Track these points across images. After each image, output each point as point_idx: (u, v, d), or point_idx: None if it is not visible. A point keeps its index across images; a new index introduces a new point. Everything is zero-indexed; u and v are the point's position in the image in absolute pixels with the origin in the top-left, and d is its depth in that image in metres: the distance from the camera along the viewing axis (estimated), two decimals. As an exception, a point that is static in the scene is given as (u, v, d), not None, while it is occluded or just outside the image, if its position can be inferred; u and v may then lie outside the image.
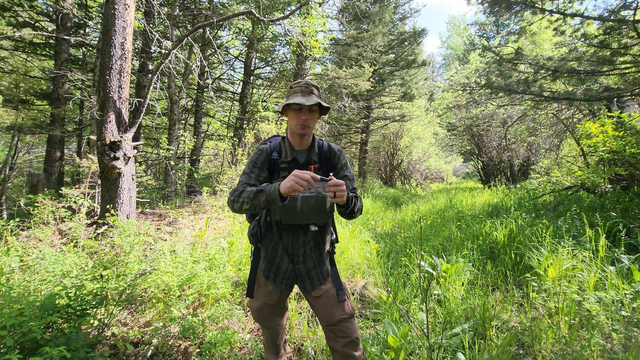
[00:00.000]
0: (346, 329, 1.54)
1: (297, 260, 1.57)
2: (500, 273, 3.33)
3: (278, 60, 11.80)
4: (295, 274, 1.59)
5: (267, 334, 1.72)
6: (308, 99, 1.48)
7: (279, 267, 1.59)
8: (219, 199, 5.90)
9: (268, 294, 1.62)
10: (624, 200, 4.11)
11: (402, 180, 16.51)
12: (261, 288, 1.63)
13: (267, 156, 1.57)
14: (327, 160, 1.64)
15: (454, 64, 25.52)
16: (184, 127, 12.43)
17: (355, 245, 3.83)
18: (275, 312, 1.66)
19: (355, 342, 1.55)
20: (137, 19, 5.88)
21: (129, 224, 3.08)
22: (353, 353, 1.53)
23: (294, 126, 1.53)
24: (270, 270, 1.60)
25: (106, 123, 3.66)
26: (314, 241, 1.59)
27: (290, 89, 1.57)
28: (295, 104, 1.49)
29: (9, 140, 9.85)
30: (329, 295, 1.57)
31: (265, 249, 1.61)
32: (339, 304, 1.56)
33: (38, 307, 1.91)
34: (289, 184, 1.29)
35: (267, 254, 1.61)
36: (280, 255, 1.58)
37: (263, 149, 1.59)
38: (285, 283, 1.59)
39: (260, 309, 1.64)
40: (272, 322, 1.67)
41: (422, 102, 16.73)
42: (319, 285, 1.58)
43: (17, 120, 7.66)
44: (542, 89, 5.79)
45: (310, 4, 6.18)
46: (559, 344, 2.13)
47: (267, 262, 1.61)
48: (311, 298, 1.60)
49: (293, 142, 1.59)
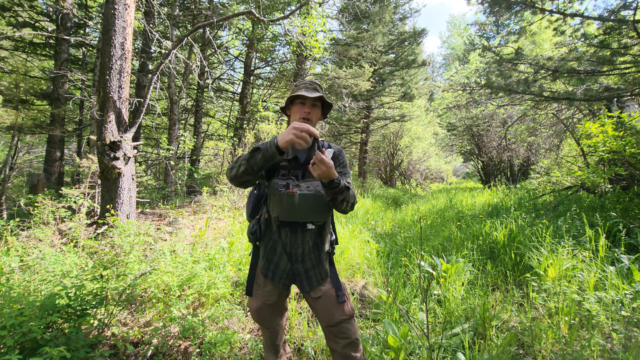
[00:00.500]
0: (346, 330, 1.53)
1: (295, 259, 1.57)
2: (500, 273, 3.33)
3: (278, 60, 11.81)
4: (293, 274, 1.59)
5: (267, 334, 1.72)
6: (311, 93, 1.52)
7: (277, 266, 1.59)
8: (219, 199, 5.90)
9: (267, 294, 1.62)
10: (624, 200, 4.11)
11: (402, 180, 16.51)
12: (260, 288, 1.63)
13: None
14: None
15: (454, 64, 25.52)
16: (184, 127, 12.43)
17: (355, 245, 3.83)
18: (274, 312, 1.66)
19: (355, 343, 1.55)
20: (137, 19, 5.88)
21: (129, 224, 3.08)
22: (353, 354, 1.53)
23: (296, 120, 1.54)
24: (269, 268, 1.60)
25: (106, 123, 3.66)
26: (313, 241, 1.59)
27: (295, 86, 1.61)
28: (299, 97, 1.53)
29: (9, 140, 9.85)
30: (329, 296, 1.56)
31: (264, 247, 1.61)
32: (339, 305, 1.55)
33: (38, 307, 1.91)
34: (289, 137, 1.25)
35: (266, 252, 1.61)
36: (279, 253, 1.58)
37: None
38: (283, 282, 1.59)
39: (259, 309, 1.64)
40: (271, 323, 1.67)
41: (422, 102, 16.73)
42: (317, 285, 1.58)
43: (17, 120, 7.66)
44: (542, 89, 5.79)
45: (310, 4, 6.18)
46: (559, 344, 2.13)
47: (265, 260, 1.61)
48: (310, 299, 1.60)
49: None
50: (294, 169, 1.55)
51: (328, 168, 1.29)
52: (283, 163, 1.56)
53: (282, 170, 1.55)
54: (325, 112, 1.65)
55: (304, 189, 1.48)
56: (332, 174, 1.31)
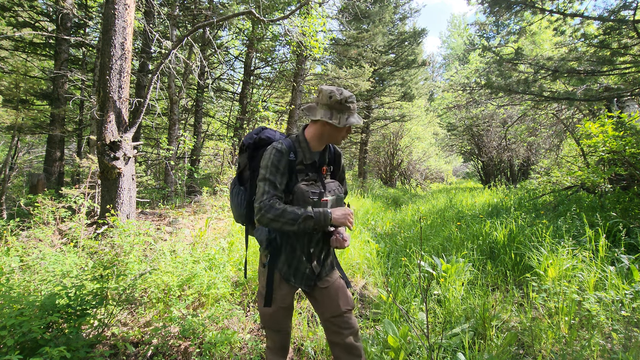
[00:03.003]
0: (349, 320, 1.58)
1: (311, 258, 1.59)
2: (500, 273, 3.33)
3: (278, 60, 11.80)
4: (312, 272, 1.60)
5: (277, 338, 1.67)
6: (360, 118, 1.55)
7: (298, 269, 1.57)
8: (219, 199, 5.90)
9: (283, 297, 1.58)
10: (624, 200, 4.11)
11: (402, 180, 16.51)
12: (276, 292, 1.58)
13: (287, 159, 1.49)
14: (334, 162, 1.70)
15: (454, 64, 25.52)
16: (184, 127, 12.43)
17: (355, 245, 3.82)
18: (287, 314, 1.65)
19: (358, 332, 1.61)
20: (137, 19, 5.87)
21: (129, 224, 3.08)
22: (356, 343, 1.58)
23: (335, 138, 1.56)
24: (290, 273, 1.57)
25: (106, 123, 3.66)
26: (321, 235, 1.61)
27: (344, 103, 1.47)
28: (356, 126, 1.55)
29: (9, 140, 9.84)
30: (335, 286, 1.60)
31: (285, 253, 1.57)
32: (344, 296, 1.60)
33: (38, 307, 1.91)
34: (342, 220, 1.45)
35: (287, 258, 1.57)
36: (298, 257, 1.57)
37: (282, 150, 1.48)
38: (305, 283, 1.59)
39: (274, 313, 1.60)
40: (284, 325, 1.65)
41: (422, 102, 16.73)
42: (325, 276, 1.62)
43: (17, 120, 7.66)
44: (542, 89, 5.79)
45: (310, 4, 6.18)
46: (559, 344, 2.13)
47: (287, 265, 1.57)
48: (317, 290, 1.60)
49: (313, 145, 1.57)
50: (312, 171, 1.55)
51: (347, 242, 1.56)
52: (299, 167, 1.55)
53: (299, 174, 1.53)
54: None
55: (328, 194, 1.53)
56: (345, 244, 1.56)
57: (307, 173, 1.53)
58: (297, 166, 1.53)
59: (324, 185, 1.54)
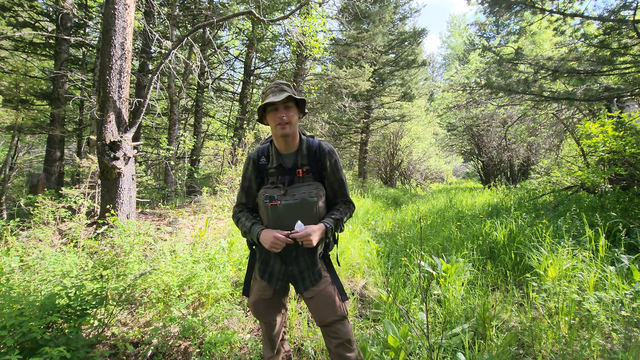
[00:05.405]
0: (337, 331, 1.55)
1: (289, 261, 1.59)
2: (500, 273, 3.33)
3: (278, 60, 11.81)
4: (288, 275, 1.61)
5: (263, 328, 1.74)
6: (279, 96, 1.46)
7: (273, 268, 1.62)
8: (219, 199, 5.90)
9: (262, 289, 1.65)
10: (624, 200, 4.11)
11: (402, 180, 16.50)
12: (257, 283, 1.68)
13: (255, 164, 1.61)
14: (317, 161, 1.58)
15: (454, 64, 25.51)
16: (184, 127, 12.43)
17: (355, 245, 3.82)
18: (270, 306, 1.68)
19: (347, 344, 1.55)
20: (137, 19, 5.87)
21: (129, 224, 3.08)
22: (345, 354, 1.54)
23: (274, 128, 1.51)
24: (265, 271, 1.64)
25: (106, 123, 3.66)
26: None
27: (262, 94, 1.57)
28: (269, 104, 1.50)
29: (9, 140, 9.84)
30: (321, 296, 1.58)
31: (260, 250, 1.64)
32: (331, 306, 1.56)
33: (38, 307, 1.91)
34: (267, 244, 1.45)
35: (262, 256, 1.64)
36: (273, 256, 1.60)
37: (251, 156, 1.62)
38: (280, 284, 1.62)
39: (255, 302, 1.67)
40: (267, 317, 1.69)
41: (422, 102, 16.73)
42: (310, 286, 1.59)
43: (17, 120, 7.66)
44: (542, 89, 5.79)
45: (310, 4, 6.18)
46: (559, 344, 2.13)
47: (261, 263, 1.65)
48: (306, 299, 1.63)
49: (279, 147, 1.57)
50: (282, 175, 1.55)
51: (308, 236, 1.41)
52: (271, 171, 1.57)
53: (270, 177, 1.57)
54: (302, 108, 1.60)
55: (289, 198, 1.49)
56: (318, 234, 1.44)
57: (277, 176, 1.54)
58: (270, 170, 1.56)
59: (285, 187, 1.52)
